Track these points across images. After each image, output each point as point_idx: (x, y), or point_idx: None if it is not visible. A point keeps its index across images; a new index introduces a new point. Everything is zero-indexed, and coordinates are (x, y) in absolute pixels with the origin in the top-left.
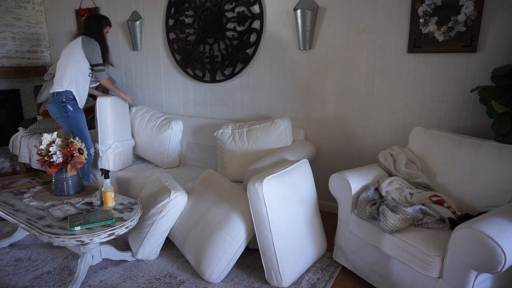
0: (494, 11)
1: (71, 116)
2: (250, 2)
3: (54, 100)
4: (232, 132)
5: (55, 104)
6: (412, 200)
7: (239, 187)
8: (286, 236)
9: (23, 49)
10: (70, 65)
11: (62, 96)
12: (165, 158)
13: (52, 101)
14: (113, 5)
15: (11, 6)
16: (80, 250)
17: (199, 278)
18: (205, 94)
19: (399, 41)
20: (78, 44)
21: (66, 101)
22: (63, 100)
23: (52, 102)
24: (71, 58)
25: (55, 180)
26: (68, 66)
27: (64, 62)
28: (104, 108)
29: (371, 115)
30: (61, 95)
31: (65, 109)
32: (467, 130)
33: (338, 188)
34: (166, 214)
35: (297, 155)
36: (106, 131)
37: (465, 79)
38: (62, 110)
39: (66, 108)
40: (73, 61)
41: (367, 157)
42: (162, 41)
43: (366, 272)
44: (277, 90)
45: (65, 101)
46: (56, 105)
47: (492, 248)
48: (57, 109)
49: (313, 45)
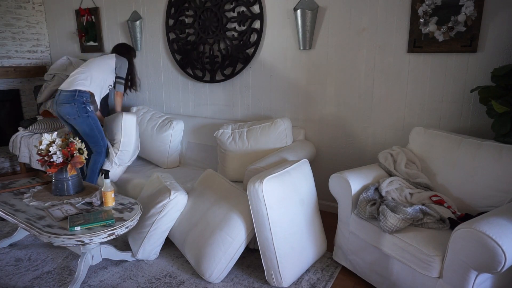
0: (494, 11)
1: (92, 116)
2: (250, 2)
3: (74, 100)
4: (232, 132)
5: (74, 105)
6: (412, 200)
7: (239, 187)
8: (286, 236)
9: (23, 49)
10: (100, 70)
11: (83, 97)
12: (165, 158)
13: (70, 101)
14: (113, 5)
15: (11, 6)
16: (80, 250)
17: (199, 278)
18: (205, 94)
19: (399, 41)
20: (113, 57)
21: (86, 102)
22: (84, 101)
23: (71, 102)
24: (103, 66)
25: (55, 180)
26: (98, 70)
27: (94, 66)
28: (131, 126)
29: (371, 115)
30: (83, 96)
31: (86, 109)
32: (467, 130)
33: (338, 188)
34: (166, 214)
35: (297, 155)
36: (128, 149)
37: (465, 79)
38: (83, 110)
39: (86, 109)
40: (104, 69)
41: (367, 157)
42: (162, 41)
43: (366, 272)
44: (277, 90)
45: (85, 102)
46: (76, 106)
47: (492, 248)
48: (77, 109)
49: (313, 45)
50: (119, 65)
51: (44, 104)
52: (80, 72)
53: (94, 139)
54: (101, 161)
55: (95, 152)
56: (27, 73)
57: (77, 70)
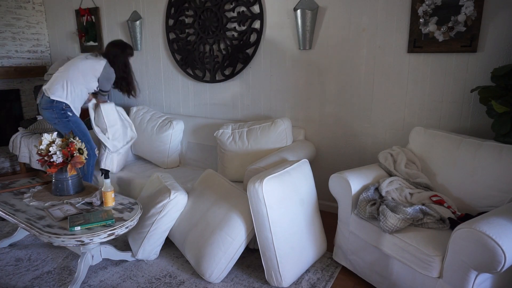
0: (494, 11)
1: (72, 120)
2: (250, 2)
3: (53, 106)
4: (232, 132)
5: (53, 110)
6: (412, 200)
7: (239, 187)
8: (286, 236)
9: (23, 49)
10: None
11: (62, 104)
12: (165, 158)
13: (49, 107)
14: (113, 5)
15: (11, 6)
16: (80, 250)
17: (199, 278)
18: (205, 94)
19: (399, 41)
20: (101, 65)
21: (66, 108)
22: (63, 107)
23: (50, 108)
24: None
25: (55, 180)
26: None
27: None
28: (112, 113)
29: (371, 115)
30: (61, 103)
31: (66, 115)
32: (467, 130)
33: (338, 188)
34: (166, 214)
35: (297, 155)
36: (117, 135)
37: (465, 79)
38: (62, 116)
39: (67, 114)
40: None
41: (367, 157)
42: (162, 41)
43: (366, 272)
44: (277, 90)
45: (65, 108)
46: (55, 111)
47: (492, 248)
48: (56, 115)
49: (313, 45)
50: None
51: None
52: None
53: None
54: (92, 164)
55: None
56: (27, 73)
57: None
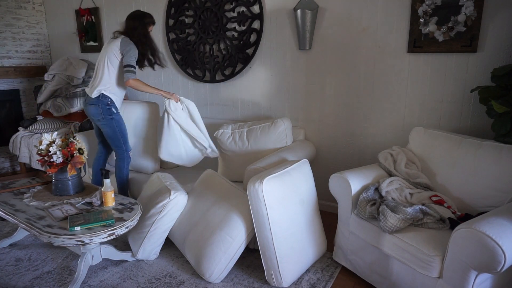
0: (494, 11)
1: (115, 119)
2: (250, 2)
3: (99, 101)
4: (232, 132)
5: (99, 106)
6: (412, 200)
7: (239, 187)
8: (286, 236)
9: (23, 49)
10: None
11: (108, 98)
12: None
13: (95, 102)
14: (113, 5)
15: (11, 6)
16: (80, 250)
17: (199, 278)
18: (205, 94)
19: (399, 41)
20: (117, 44)
21: (111, 103)
22: (108, 102)
23: (95, 104)
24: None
25: (55, 180)
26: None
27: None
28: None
29: (371, 115)
30: (107, 97)
31: (110, 111)
32: (467, 130)
33: (338, 188)
34: (166, 214)
35: (297, 155)
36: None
37: (465, 79)
38: (107, 113)
39: (111, 111)
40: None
41: (367, 157)
42: (162, 41)
43: (366, 272)
44: (277, 90)
45: (110, 103)
46: (100, 107)
47: (492, 248)
48: (101, 111)
49: (313, 45)
50: (126, 52)
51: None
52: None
53: (116, 142)
54: (126, 166)
55: (117, 158)
56: (27, 73)
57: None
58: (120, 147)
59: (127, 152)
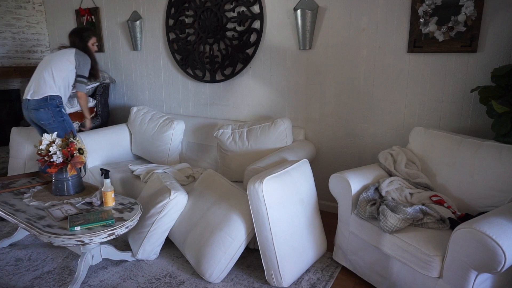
0: (494, 11)
1: (66, 120)
2: (250, 2)
3: (47, 104)
4: (232, 132)
5: (48, 109)
6: (412, 200)
7: (239, 187)
8: (286, 236)
9: (23, 49)
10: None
11: (55, 100)
12: (165, 158)
13: (43, 106)
14: (113, 5)
15: (11, 6)
16: (80, 250)
17: (199, 278)
18: (205, 94)
19: (399, 41)
20: (72, 53)
21: (60, 105)
22: (57, 104)
23: (44, 107)
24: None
25: (55, 180)
26: (60, 71)
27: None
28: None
29: (371, 115)
30: (55, 99)
31: (61, 113)
32: (467, 130)
33: (338, 188)
34: (166, 214)
35: (297, 155)
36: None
37: (465, 79)
38: (58, 115)
39: (62, 112)
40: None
41: (367, 157)
42: (162, 41)
43: (366, 272)
44: (277, 90)
45: (59, 105)
46: (50, 110)
47: (492, 248)
48: (52, 114)
49: (313, 45)
50: (79, 62)
51: None
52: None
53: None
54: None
55: None
56: (27, 73)
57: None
58: None
59: None
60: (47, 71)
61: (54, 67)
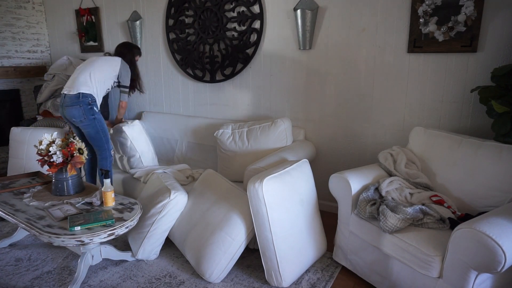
0: (494, 11)
1: (98, 118)
2: (250, 2)
3: (79, 102)
4: (232, 132)
5: (80, 107)
6: (412, 200)
7: (239, 187)
8: (286, 236)
9: (23, 49)
10: (102, 73)
11: (88, 98)
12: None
13: (75, 103)
14: (113, 5)
15: (11, 6)
16: (80, 250)
17: (199, 278)
18: (205, 94)
19: (399, 41)
20: (118, 62)
21: (92, 103)
22: (89, 102)
23: (76, 105)
24: (105, 68)
25: (55, 180)
26: (101, 71)
27: (96, 67)
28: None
29: (371, 115)
30: (87, 97)
31: (92, 111)
32: (467, 130)
33: (338, 188)
34: (166, 214)
35: (297, 155)
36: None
37: (465, 79)
38: (89, 113)
39: (93, 110)
40: (105, 71)
41: (367, 157)
42: (162, 41)
43: (366, 272)
44: (277, 90)
45: (91, 103)
46: (81, 108)
47: (492, 248)
48: (83, 112)
49: (313, 45)
50: (123, 73)
51: (44, 104)
52: (81, 73)
53: (99, 142)
54: (109, 165)
55: (99, 158)
56: (27, 73)
57: (78, 70)
58: (102, 147)
59: (109, 151)
60: (87, 70)
61: (95, 67)
